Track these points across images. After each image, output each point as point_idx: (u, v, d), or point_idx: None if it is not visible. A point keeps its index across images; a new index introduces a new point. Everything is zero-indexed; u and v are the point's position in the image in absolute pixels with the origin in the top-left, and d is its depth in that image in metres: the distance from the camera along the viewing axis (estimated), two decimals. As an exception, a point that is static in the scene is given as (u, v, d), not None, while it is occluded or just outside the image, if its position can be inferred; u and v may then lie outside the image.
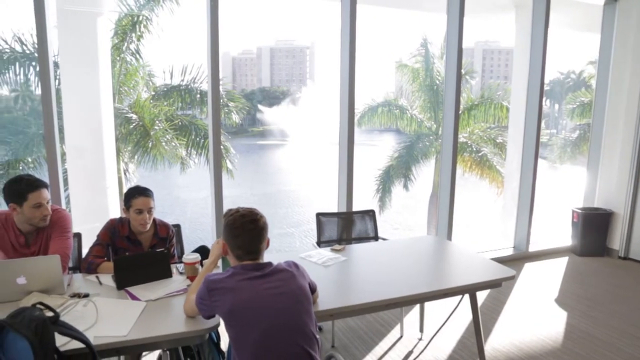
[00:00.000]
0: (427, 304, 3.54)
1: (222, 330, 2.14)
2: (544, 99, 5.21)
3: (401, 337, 3.50)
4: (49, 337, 1.55)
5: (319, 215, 3.69)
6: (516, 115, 5.62)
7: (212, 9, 3.69)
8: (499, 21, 6.74)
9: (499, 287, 2.73)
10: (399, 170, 10.94)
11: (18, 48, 7.53)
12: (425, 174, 11.27)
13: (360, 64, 4.35)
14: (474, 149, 10.30)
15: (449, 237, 5.00)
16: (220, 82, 3.92)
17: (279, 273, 1.80)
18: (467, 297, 2.79)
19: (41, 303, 1.70)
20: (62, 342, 1.66)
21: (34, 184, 2.45)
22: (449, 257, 3.17)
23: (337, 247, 3.12)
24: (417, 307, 3.68)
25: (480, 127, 10.49)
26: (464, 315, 3.59)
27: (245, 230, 1.81)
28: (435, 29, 10.59)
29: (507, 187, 6.17)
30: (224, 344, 2.68)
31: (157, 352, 2.98)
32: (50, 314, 1.63)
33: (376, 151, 14.43)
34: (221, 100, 4.16)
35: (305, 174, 25.62)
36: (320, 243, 3.60)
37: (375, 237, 3.78)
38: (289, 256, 2.69)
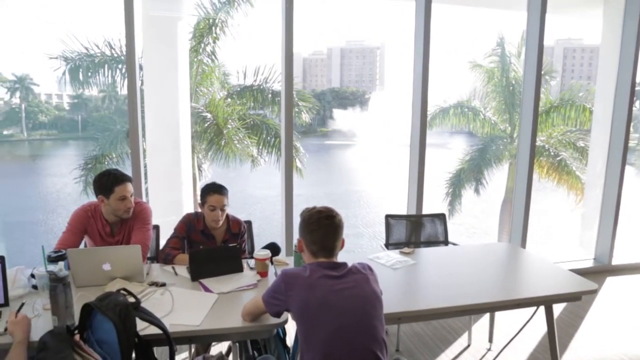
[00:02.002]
0: (497, 314, 3.41)
1: (288, 326, 2.18)
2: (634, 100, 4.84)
3: (469, 346, 3.39)
4: (131, 322, 1.66)
5: (388, 217, 3.66)
6: (601, 118, 5.26)
7: (287, 10, 3.77)
8: (584, 17, 6.32)
9: (579, 300, 2.57)
10: (470, 174, 10.59)
11: (107, 52, 8.09)
12: (497, 178, 10.83)
13: (433, 64, 4.27)
14: (552, 153, 9.74)
15: (523, 244, 4.78)
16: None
17: (354, 275, 1.80)
18: (541, 309, 2.65)
19: (125, 289, 1.81)
20: (142, 327, 1.75)
21: (120, 178, 2.63)
22: (524, 265, 3.03)
23: (406, 250, 3.07)
24: (487, 316, 3.55)
25: (560, 130, 9.90)
26: (537, 328, 3.42)
27: (321, 225, 1.82)
28: (512, 27, 10.16)
29: (588, 194, 5.79)
30: (289, 340, 2.73)
31: (224, 343, 3.10)
32: (132, 300, 1.74)
33: (447, 154, 14.09)
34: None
35: (374, 175, 25.48)
36: (388, 245, 3.57)
37: (445, 242, 3.69)
38: (358, 257, 2.69)
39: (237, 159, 8.67)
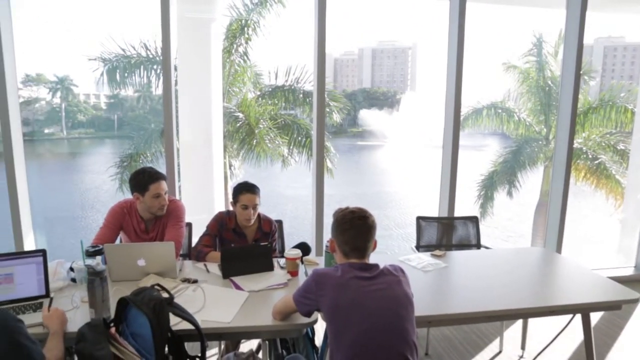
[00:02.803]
0: (531, 321, 3.32)
1: (316, 326, 2.18)
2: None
3: (500, 352, 3.32)
4: (165, 317, 1.69)
5: (419, 219, 3.62)
6: (644, 120, 5.07)
7: (320, 10, 3.78)
8: (626, 14, 6.08)
9: (618, 309, 2.47)
10: (503, 177, 10.36)
11: (143, 53, 8.30)
12: (532, 181, 10.57)
13: (467, 64, 4.20)
14: (590, 156, 9.43)
15: (559, 250, 4.65)
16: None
17: (386, 276, 1.79)
18: (577, 317, 2.57)
19: (159, 285, 1.85)
20: (174, 322, 1.79)
21: (155, 176, 2.70)
22: (559, 271, 2.94)
23: (437, 252, 3.03)
24: (520, 322, 3.47)
25: (598, 132, 9.57)
26: (573, 337, 3.32)
27: (353, 225, 1.82)
28: (549, 25, 9.89)
29: (629, 199, 5.58)
30: (317, 340, 2.73)
31: (253, 340, 3.13)
32: (166, 295, 1.78)
33: (479, 156, 13.84)
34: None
35: (405, 176, 25.28)
36: (419, 247, 3.53)
37: (478, 245, 3.62)
38: (388, 258, 2.67)
39: (268, 158, 8.73)
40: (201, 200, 4.89)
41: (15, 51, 3.69)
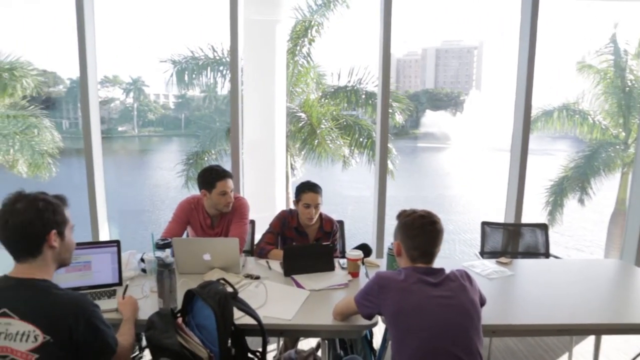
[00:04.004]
0: (604, 338, 3.11)
1: (374, 329, 2.16)
2: None
3: (568, 368, 3.14)
4: (229, 310, 1.73)
5: (484, 224, 3.50)
6: None
7: (386, 11, 3.74)
8: None
9: None
10: (574, 183, 9.80)
11: (210, 55, 8.60)
12: (607, 188, 9.92)
13: (538, 63, 4.01)
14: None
15: (638, 263, 4.33)
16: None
17: (451, 282, 1.74)
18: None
19: (224, 279, 1.90)
20: (237, 316, 1.82)
21: (222, 174, 2.78)
22: (638, 286, 2.74)
23: (503, 260, 2.91)
24: (592, 338, 3.26)
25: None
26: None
27: (424, 231, 1.78)
28: (630, 21, 9.25)
29: None
30: (376, 343, 2.70)
31: (311, 339, 3.15)
32: (230, 290, 1.82)
33: (548, 160, 13.20)
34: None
35: (468, 179, 24.57)
36: (483, 253, 3.41)
37: (546, 254, 3.45)
38: (451, 263, 2.60)
39: (329, 158, 8.78)
40: (263, 199, 4.97)
41: (96, 55, 3.92)
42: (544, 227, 3.54)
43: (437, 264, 1.82)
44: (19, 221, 1.45)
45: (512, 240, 3.53)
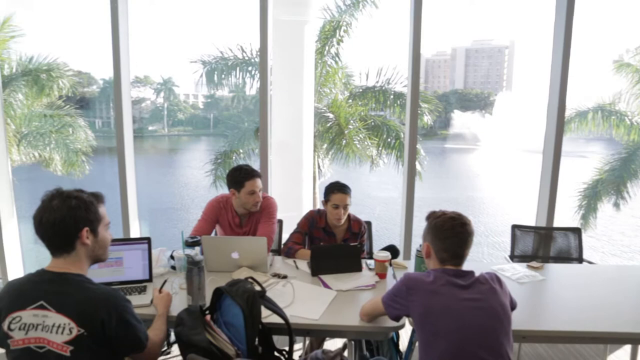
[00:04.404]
0: (641, 347, 3.00)
1: (401, 331, 2.14)
2: None
3: (602, 377, 3.05)
4: (257, 309, 1.75)
5: (515, 227, 3.43)
6: None
7: (416, 11, 3.70)
8: None
9: None
10: (609, 186, 9.49)
11: (239, 55, 8.68)
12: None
13: (573, 62, 3.90)
14: None
15: (677, 269, 4.16)
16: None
17: (481, 285, 1.71)
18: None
19: (252, 278, 1.92)
20: (265, 315, 1.83)
21: (251, 174, 2.81)
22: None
23: (534, 264, 2.85)
24: (627, 348, 3.15)
25: None
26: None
27: (455, 233, 1.75)
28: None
29: None
30: (402, 345, 2.69)
31: (337, 339, 3.14)
32: (258, 288, 1.83)
33: (581, 162, 12.84)
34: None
35: (498, 181, 24.11)
36: (513, 257, 3.35)
37: (579, 259, 3.35)
38: (480, 266, 2.56)
39: (357, 159, 8.74)
40: (290, 198, 5.00)
41: (130, 55, 4.01)
42: (577, 231, 3.44)
43: (465, 267, 1.80)
44: (53, 218, 1.49)
45: (544, 244, 3.44)
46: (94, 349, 1.48)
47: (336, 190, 2.81)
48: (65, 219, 1.50)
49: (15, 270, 4.22)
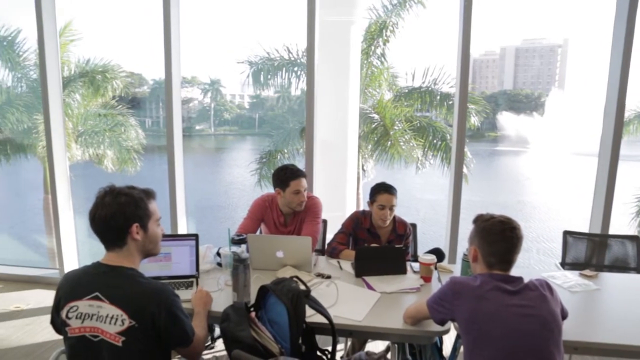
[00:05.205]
0: None
1: (446, 337, 2.09)
2: None
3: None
4: (302, 308, 1.76)
5: (567, 233, 3.30)
6: None
7: (466, 10, 3.62)
8: None
9: None
10: (670, 192, 8.96)
11: (285, 56, 8.76)
12: None
13: (634, 60, 3.69)
14: None
15: None
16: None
17: (530, 292, 1.65)
18: None
19: (297, 277, 1.93)
20: (309, 315, 1.84)
21: (296, 173, 2.83)
22: None
23: (587, 272, 2.73)
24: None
25: None
26: None
27: (504, 237, 1.71)
28: None
29: None
30: (446, 350, 2.63)
31: (379, 342, 3.12)
32: (303, 288, 1.84)
33: (638, 167, 12.19)
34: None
35: (548, 185, 23.21)
36: (564, 264, 3.22)
37: (638, 269, 3.18)
38: (530, 273, 2.48)
39: (402, 160, 8.64)
40: (334, 199, 5.00)
41: (180, 57, 4.13)
42: (635, 240, 3.26)
43: (513, 272, 1.74)
44: (104, 214, 1.56)
45: (598, 252, 3.29)
46: (144, 341, 1.53)
47: (382, 190, 2.79)
48: (115, 215, 1.56)
49: (71, 262, 4.44)
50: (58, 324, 1.59)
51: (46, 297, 4.09)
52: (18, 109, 8.58)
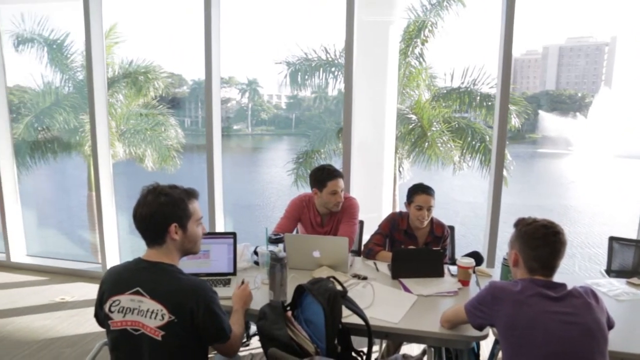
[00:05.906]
0: None
1: (483, 343, 2.05)
2: None
3: None
4: (338, 308, 1.76)
5: (613, 239, 3.17)
6: None
7: (508, 9, 3.53)
8: None
9: None
10: None
11: (323, 56, 8.78)
12: None
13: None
14: None
15: None
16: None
17: (574, 299, 1.59)
18: None
19: (333, 277, 1.94)
20: (345, 315, 1.83)
21: (333, 174, 2.84)
22: None
23: (635, 280, 2.61)
24: None
25: None
26: None
27: (547, 242, 1.66)
28: None
29: None
30: (483, 356, 2.58)
31: (414, 345, 3.08)
32: (340, 288, 1.85)
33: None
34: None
35: (593, 189, 22.33)
36: (610, 272, 3.10)
37: (689, 278, 3.03)
38: (573, 279, 2.40)
39: (439, 162, 8.52)
40: (370, 199, 4.98)
41: (220, 58, 4.21)
42: (688, 248, 3.11)
43: (556, 279, 1.69)
44: (145, 212, 1.61)
45: (647, 260, 3.15)
46: (183, 336, 1.57)
47: (420, 191, 2.76)
48: (155, 214, 1.61)
49: (113, 257, 4.59)
50: (101, 317, 1.65)
51: (89, 291, 4.26)
52: (65, 109, 8.97)
